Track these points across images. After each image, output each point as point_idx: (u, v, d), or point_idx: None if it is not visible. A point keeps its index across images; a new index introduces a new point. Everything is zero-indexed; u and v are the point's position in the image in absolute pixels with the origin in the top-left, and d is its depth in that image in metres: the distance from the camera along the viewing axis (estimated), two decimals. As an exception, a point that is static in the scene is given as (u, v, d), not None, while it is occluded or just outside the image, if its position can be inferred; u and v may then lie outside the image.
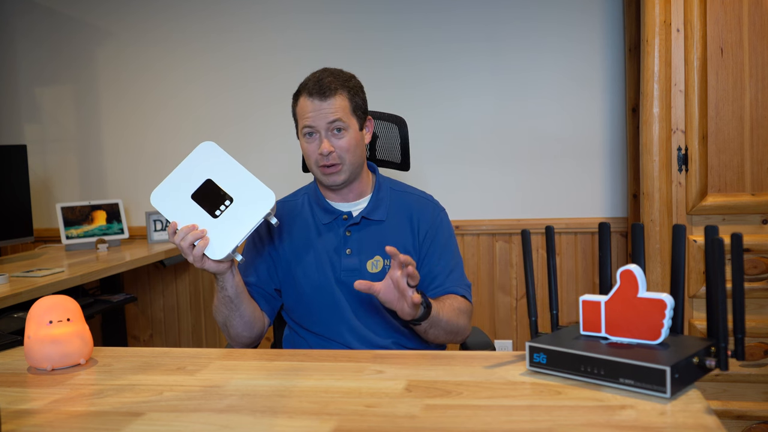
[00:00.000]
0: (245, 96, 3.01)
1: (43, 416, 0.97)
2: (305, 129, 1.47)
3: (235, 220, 1.32)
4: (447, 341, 1.50)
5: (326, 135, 1.45)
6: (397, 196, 1.59)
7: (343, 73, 1.51)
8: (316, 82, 1.46)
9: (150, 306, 3.17)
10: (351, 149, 1.47)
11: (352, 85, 1.50)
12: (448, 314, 1.43)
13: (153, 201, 1.36)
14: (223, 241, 1.31)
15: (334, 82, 1.46)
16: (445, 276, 1.53)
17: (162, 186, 1.36)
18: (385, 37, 2.87)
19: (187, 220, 1.33)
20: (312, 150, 1.47)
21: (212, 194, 1.34)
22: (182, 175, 1.36)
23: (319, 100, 1.44)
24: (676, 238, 1.07)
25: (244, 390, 1.05)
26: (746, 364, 2.25)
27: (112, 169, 3.16)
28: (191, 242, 1.30)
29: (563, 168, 2.80)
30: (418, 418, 0.91)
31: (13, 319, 1.96)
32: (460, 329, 1.48)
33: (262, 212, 1.32)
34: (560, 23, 2.76)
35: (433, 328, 1.41)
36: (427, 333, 1.42)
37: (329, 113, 1.44)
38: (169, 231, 1.34)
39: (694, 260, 2.26)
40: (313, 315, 1.53)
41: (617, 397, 0.94)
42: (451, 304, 1.46)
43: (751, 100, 2.20)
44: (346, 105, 1.47)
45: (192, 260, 1.32)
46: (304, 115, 1.46)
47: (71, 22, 3.12)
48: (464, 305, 1.50)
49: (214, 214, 1.33)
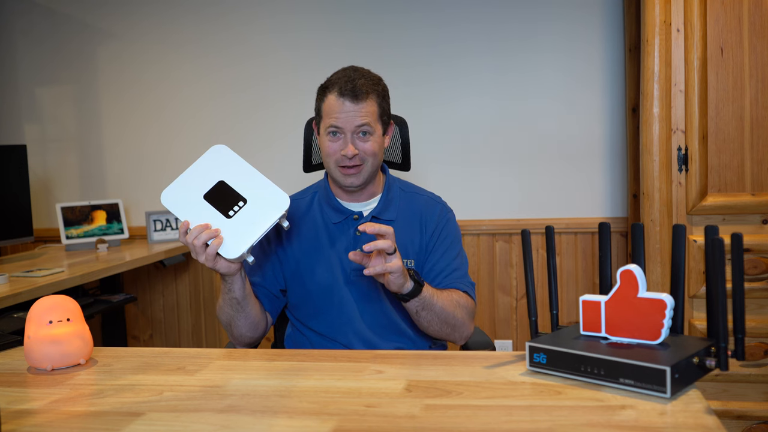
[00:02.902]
0: (246, 95, 3.01)
1: (43, 416, 0.97)
2: (331, 128, 1.46)
3: (249, 220, 1.32)
4: (444, 334, 1.47)
5: (352, 137, 1.44)
6: (406, 197, 1.59)
7: (373, 76, 1.49)
8: (348, 82, 1.44)
9: (150, 306, 3.17)
10: (374, 153, 1.47)
11: (381, 89, 1.49)
12: (444, 302, 1.42)
13: (164, 200, 1.35)
14: (237, 240, 1.31)
15: (366, 85, 1.44)
16: (448, 273, 1.52)
17: (173, 186, 1.35)
18: (386, 37, 2.87)
19: (199, 220, 1.32)
20: (334, 150, 1.46)
21: (225, 195, 1.33)
22: (193, 176, 1.35)
23: (350, 101, 1.43)
24: (676, 238, 1.07)
25: (244, 390, 1.05)
26: (746, 364, 2.25)
27: (112, 169, 3.16)
28: (205, 241, 1.29)
29: (563, 168, 2.80)
30: (418, 418, 0.91)
31: (13, 319, 1.96)
32: (458, 322, 1.46)
33: (277, 213, 1.32)
34: (561, 23, 2.76)
35: (426, 311, 1.40)
36: (419, 315, 1.41)
37: (359, 117, 1.43)
38: (180, 230, 1.32)
39: (694, 260, 2.26)
40: (318, 314, 1.53)
41: (617, 397, 0.94)
42: (450, 295, 1.45)
43: (751, 100, 2.20)
44: (375, 110, 1.46)
45: (204, 260, 1.30)
46: (332, 113, 1.45)
47: (71, 22, 3.12)
48: (465, 300, 1.49)
49: (228, 214, 1.32)
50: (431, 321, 1.43)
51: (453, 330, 1.47)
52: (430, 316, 1.42)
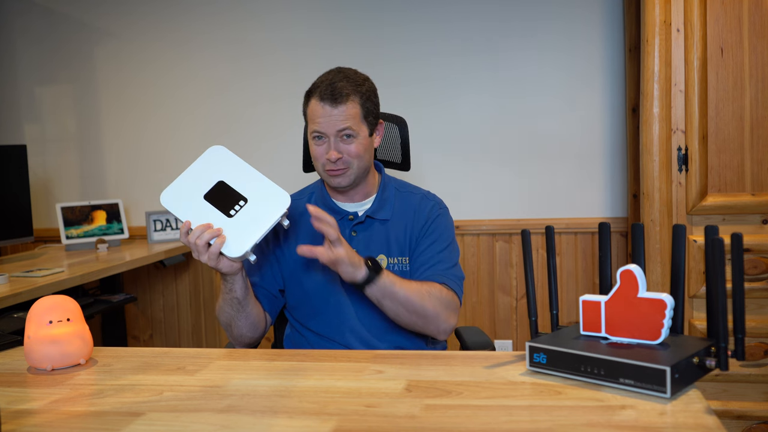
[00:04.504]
0: (245, 94, 3.01)
1: (43, 416, 0.97)
2: (314, 133, 1.46)
3: (251, 219, 1.32)
4: (418, 326, 1.44)
5: (335, 141, 1.44)
6: (402, 196, 1.59)
7: (357, 76, 1.48)
8: (328, 86, 1.43)
9: (150, 306, 3.17)
10: (359, 155, 1.46)
11: (365, 90, 1.47)
12: (409, 291, 1.39)
13: (163, 201, 1.34)
14: (240, 239, 1.31)
15: (346, 87, 1.43)
16: (430, 265, 1.50)
17: (172, 187, 1.35)
18: (384, 35, 2.87)
19: (200, 219, 1.32)
20: (320, 153, 1.47)
21: (225, 195, 1.33)
22: (192, 177, 1.35)
23: (330, 105, 1.43)
24: (676, 238, 1.07)
25: (244, 390, 1.06)
26: (746, 364, 2.25)
27: (112, 169, 3.16)
28: (207, 240, 1.29)
29: (563, 168, 2.80)
30: (418, 418, 0.91)
31: (13, 319, 1.96)
32: (429, 312, 1.42)
33: (279, 211, 1.32)
34: (561, 23, 2.76)
35: (388, 300, 1.38)
36: (382, 305, 1.40)
37: (339, 121, 1.43)
38: (181, 230, 1.32)
39: (694, 260, 2.26)
40: (316, 315, 1.53)
41: (617, 397, 0.94)
42: (420, 286, 1.43)
43: (751, 100, 2.20)
44: (357, 112, 1.45)
45: (206, 259, 1.30)
46: (314, 119, 1.45)
47: (70, 22, 3.12)
48: (438, 291, 1.44)
49: (229, 213, 1.32)
50: (397, 311, 1.41)
51: (425, 321, 1.43)
52: (394, 306, 1.39)
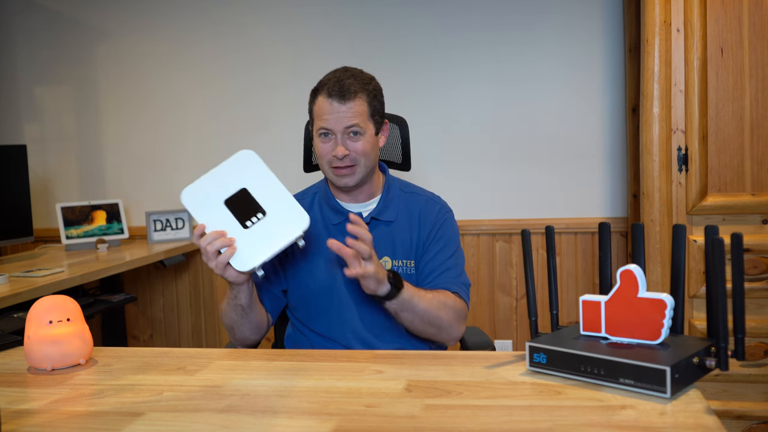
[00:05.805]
0: (245, 94, 3.00)
1: (43, 416, 0.97)
2: (321, 130, 1.46)
3: (265, 234, 1.29)
4: (429, 334, 1.46)
5: (342, 138, 1.44)
6: (406, 198, 1.59)
7: (364, 75, 1.49)
8: (336, 83, 1.44)
9: (150, 306, 3.17)
10: (366, 153, 1.46)
11: (372, 88, 1.48)
12: (428, 304, 1.41)
13: (183, 199, 1.33)
14: (250, 253, 1.29)
15: (354, 85, 1.44)
16: (440, 272, 1.52)
17: (194, 186, 1.33)
18: (384, 30, 2.87)
19: (216, 224, 1.30)
20: (326, 151, 1.47)
21: (245, 204, 1.31)
22: (217, 178, 1.33)
23: (338, 102, 1.43)
24: (676, 238, 1.07)
25: (244, 390, 1.05)
26: (746, 364, 2.25)
27: (112, 169, 3.16)
28: (218, 248, 1.28)
29: (563, 168, 2.80)
30: (418, 418, 0.91)
31: (13, 319, 1.96)
32: (443, 323, 1.44)
33: (295, 234, 1.30)
34: (560, 23, 2.76)
35: (406, 312, 1.39)
36: (399, 316, 1.40)
37: (347, 117, 1.43)
38: (195, 232, 1.31)
39: (694, 260, 2.26)
40: (318, 315, 1.53)
41: (617, 397, 0.94)
42: (436, 296, 1.44)
43: (751, 100, 2.20)
44: (364, 109, 1.46)
45: (213, 266, 1.30)
46: (321, 115, 1.45)
47: (70, 22, 3.12)
48: (452, 301, 1.47)
49: (245, 224, 1.30)
50: (413, 322, 1.42)
51: (438, 331, 1.46)
52: (411, 317, 1.41)
